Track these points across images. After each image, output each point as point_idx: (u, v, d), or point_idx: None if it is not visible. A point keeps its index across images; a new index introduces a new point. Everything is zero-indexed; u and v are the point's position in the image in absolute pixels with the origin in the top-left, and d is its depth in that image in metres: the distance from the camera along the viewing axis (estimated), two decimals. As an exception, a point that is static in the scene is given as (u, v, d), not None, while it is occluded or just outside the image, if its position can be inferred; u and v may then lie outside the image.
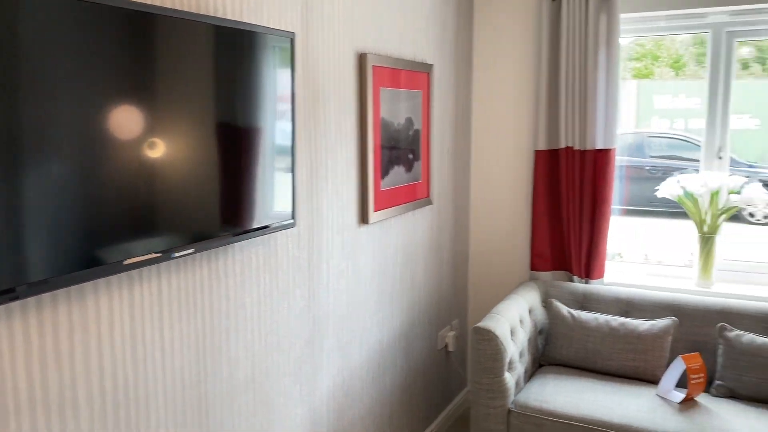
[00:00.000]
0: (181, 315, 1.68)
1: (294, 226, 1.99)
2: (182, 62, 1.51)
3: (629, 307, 3.00)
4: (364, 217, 2.48)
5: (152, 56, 1.43)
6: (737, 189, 3.03)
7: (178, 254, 1.55)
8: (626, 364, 2.80)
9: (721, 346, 2.70)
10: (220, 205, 1.68)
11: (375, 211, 2.52)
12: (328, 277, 2.31)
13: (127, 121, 1.38)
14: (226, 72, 1.65)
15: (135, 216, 1.42)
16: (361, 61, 2.40)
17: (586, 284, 3.19)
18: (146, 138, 1.43)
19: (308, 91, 2.13)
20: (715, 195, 3.03)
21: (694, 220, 3.10)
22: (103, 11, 1.30)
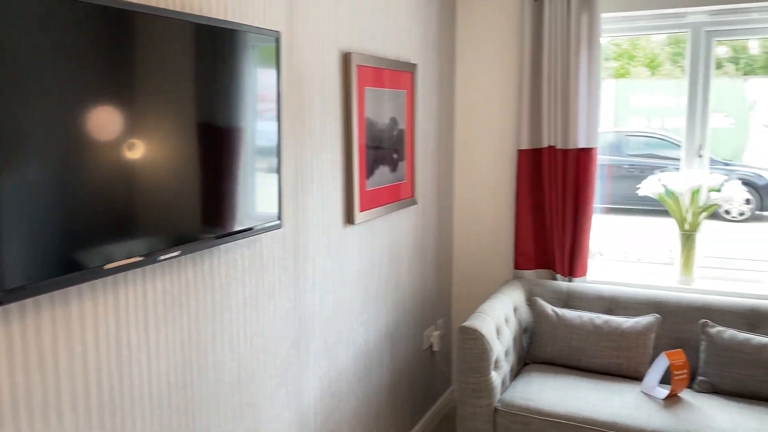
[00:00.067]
0: (167, 318, 1.66)
1: (280, 227, 1.98)
2: (164, 61, 1.49)
3: (612, 304, 3.03)
4: (349, 218, 2.47)
5: (132, 55, 1.40)
6: (717, 187, 3.07)
7: (163, 257, 1.53)
8: (610, 361, 2.82)
9: (703, 342, 2.73)
10: (206, 207, 1.66)
11: (360, 211, 2.51)
12: (313, 278, 2.30)
13: (105, 121, 1.35)
14: (211, 72, 1.63)
15: (115, 220, 1.39)
16: (346, 60, 2.39)
17: (570, 282, 3.21)
18: (126, 139, 1.39)
19: (293, 91, 2.11)
20: (696, 193, 3.07)
21: (676, 217, 3.13)
22: (78, 8, 1.25)
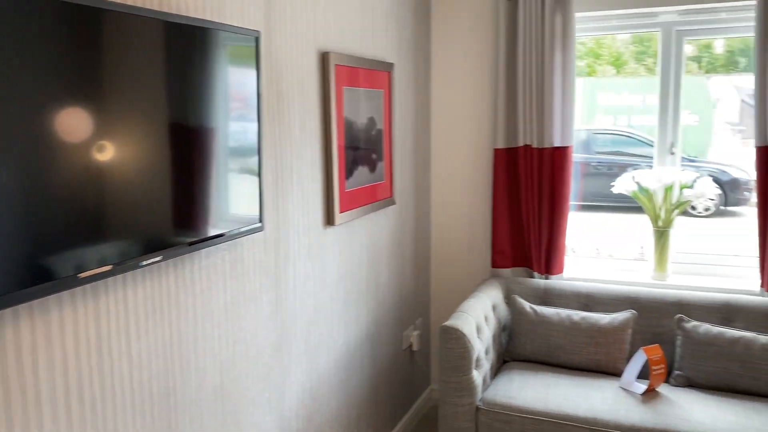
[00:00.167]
0: (149, 325, 1.62)
1: (262, 229, 1.94)
2: (135, 61, 1.44)
3: (589, 301, 3.06)
4: (329, 219, 2.44)
5: (100, 54, 1.34)
6: (689, 184, 3.12)
7: (146, 263, 1.49)
8: (589, 357, 2.85)
9: (679, 337, 2.77)
10: (187, 210, 1.62)
11: (340, 212, 2.49)
12: (294, 281, 2.27)
13: (73, 123, 1.30)
14: (187, 71, 1.59)
15: (88, 226, 1.33)
16: (324, 60, 2.36)
17: (547, 280, 3.24)
18: (95, 141, 1.33)
19: (272, 91, 2.08)
20: (669, 190, 3.12)
21: (649, 215, 3.18)
22: (40, 5, 1.19)
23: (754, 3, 2.82)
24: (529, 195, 3.24)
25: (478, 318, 2.79)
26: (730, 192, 3.91)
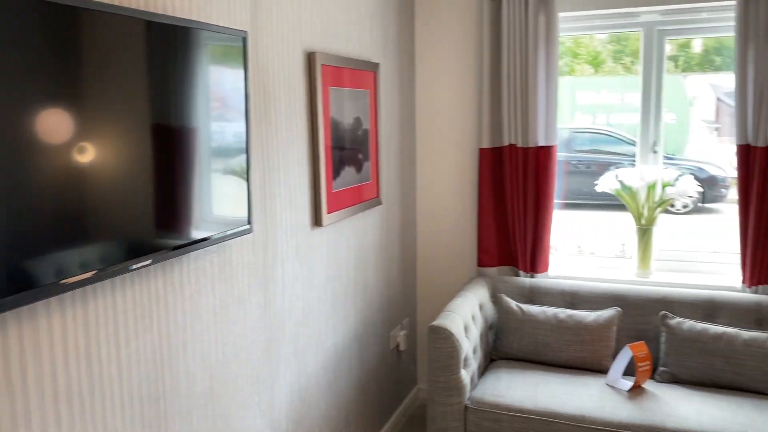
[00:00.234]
0: (138, 330, 1.60)
1: (251, 231, 1.93)
2: (123, 62, 1.43)
3: (574, 299, 3.08)
4: (317, 220, 2.43)
5: (80, 54, 1.30)
6: (672, 182, 3.16)
7: (135, 266, 1.47)
8: (575, 355, 2.87)
9: (663, 333, 2.81)
10: (175, 213, 1.60)
11: (328, 213, 2.48)
12: (283, 283, 2.25)
13: (52, 124, 1.27)
14: (177, 72, 1.57)
15: (73, 231, 1.29)
16: (310, 60, 2.35)
17: (532, 278, 3.25)
18: (75, 142, 1.30)
19: (259, 92, 2.07)
20: (652, 188, 3.15)
21: (632, 213, 3.21)
22: (19, 3, 1.15)
23: (734, 3, 2.86)
24: (514, 194, 3.25)
25: (466, 317, 2.79)
26: (707, 189, 3.97)
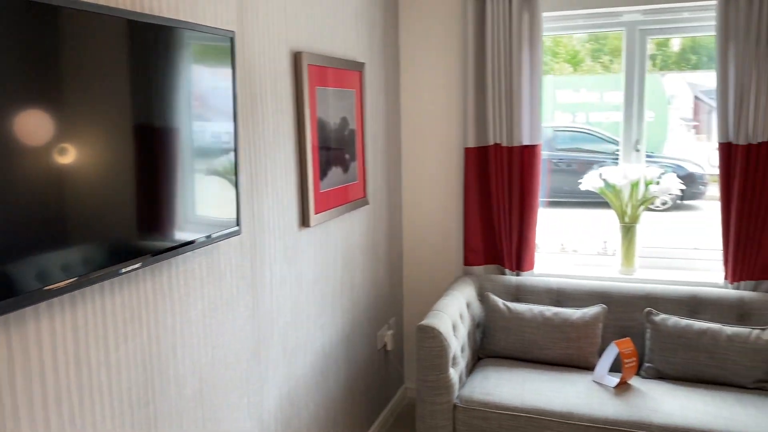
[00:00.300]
0: (127, 334, 1.58)
1: (239, 233, 1.92)
2: (106, 62, 1.41)
3: (560, 296, 3.10)
4: (305, 220, 2.42)
5: (61, 54, 1.28)
6: (655, 180, 3.19)
7: (125, 270, 1.45)
8: (562, 352, 2.89)
9: (648, 330, 2.84)
10: (163, 216, 1.58)
11: (315, 213, 2.47)
12: (271, 285, 2.24)
13: (31, 125, 1.24)
14: (164, 73, 1.56)
15: (55, 235, 1.26)
16: (297, 60, 2.34)
17: (518, 276, 3.27)
18: (56, 144, 1.27)
19: (245, 92, 2.05)
20: (635, 186, 3.18)
21: (616, 211, 3.24)
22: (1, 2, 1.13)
23: (715, 3, 2.90)
24: (499, 193, 3.27)
25: (454, 316, 2.80)
26: (686, 186, 4.03)
